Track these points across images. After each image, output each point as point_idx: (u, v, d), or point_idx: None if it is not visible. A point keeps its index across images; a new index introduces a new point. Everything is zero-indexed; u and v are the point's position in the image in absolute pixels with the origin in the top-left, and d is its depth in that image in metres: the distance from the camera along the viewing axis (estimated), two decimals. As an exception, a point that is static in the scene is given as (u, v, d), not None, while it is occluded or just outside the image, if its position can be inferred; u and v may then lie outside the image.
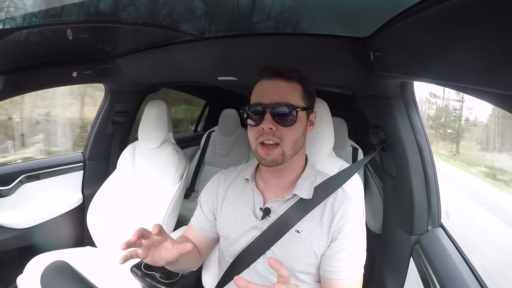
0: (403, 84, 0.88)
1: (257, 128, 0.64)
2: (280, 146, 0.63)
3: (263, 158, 0.64)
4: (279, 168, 0.66)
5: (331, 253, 0.65)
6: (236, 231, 0.72)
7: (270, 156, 0.63)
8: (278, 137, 0.63)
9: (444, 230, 0.91)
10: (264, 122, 0.62)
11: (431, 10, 0.48)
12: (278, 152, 0.63)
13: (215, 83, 1.84)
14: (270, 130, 0.62)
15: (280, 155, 0.63)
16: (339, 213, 0.66)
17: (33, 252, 1.17)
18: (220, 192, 0.77)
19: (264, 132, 0.63)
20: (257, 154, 0.66)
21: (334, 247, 0.65)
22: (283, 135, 0.63)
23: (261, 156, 0.64)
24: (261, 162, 0.66)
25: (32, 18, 0.72)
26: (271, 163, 0.63)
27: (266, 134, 0.63)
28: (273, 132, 0.62)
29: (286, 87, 0.64)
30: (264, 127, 0.62)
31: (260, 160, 0.65)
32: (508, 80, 0.36)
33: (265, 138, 0.63)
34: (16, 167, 1.31)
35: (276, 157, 0.63)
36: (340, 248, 0.65)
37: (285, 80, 0.65)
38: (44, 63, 1.08)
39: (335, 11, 0.71)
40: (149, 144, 1.33)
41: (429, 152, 0.91)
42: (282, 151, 0.63)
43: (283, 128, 0.63)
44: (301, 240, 0.67)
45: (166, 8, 0.79)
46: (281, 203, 0.70)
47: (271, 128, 0.62)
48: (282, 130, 0.63)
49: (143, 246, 0.56)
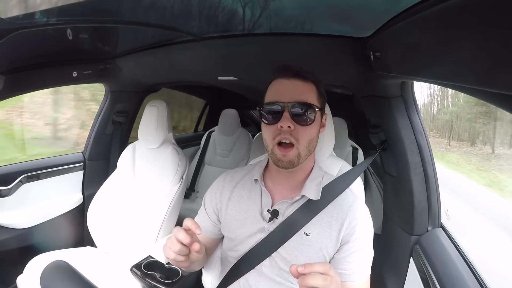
0: (403, 84, 0.88)
1: (275, 126, 0.62)
2: (296, 147, 0.62)
3: (280, 159, 0.63)
4: (293, 170, 0.65)
5: (342, 256, 0.65)
6: (242, 233, 0.71)
7: (286, 157, 0.62)
8: (295, 137, 0.62)
9: (444, 230, 0.91)
10: (282, 120, 0.61)
11: (431, 10, 0.48)
12: (294, 153, 0.62)
13: (215, 83, 1.84)
14: (289, 129, 0.61)
15: (296, 156, 0.62)
16: (350, 215, 0.65)
17: (33, 252, 1.17)
18: (225, 193, 0.76)
19: (282, 131, 0.62)
20: (273, 155, 0.64)
21: (346, 250, 0.65)
22: (299, 135, 0.62)
23: (278, 157, 0.63)
24: (277, 164, 0.64)
25: (32, 18, 0.72)
26: (288, 164, 0.62)
27: (283, 133, 0.61)
28: (290, 131, 0.61)
29: (303, 87, 0.64)
30: (283, 125, 0.61)
31: (277, 161, 0.63)
32: (508, 80, 0.36)
33: (283, 137, 0.62)
34: (16, 167, 1.31)
35: (292, 158, 0.62)
36: (352, 251, 0.64)
37: (302, 80, 0.64)
38: (44, 63, 1.08)
39: (335, 11, 0.71)
40: (149, 144, 1.33)
41: (429, 152, 0.91)
42: (298, 152, 0.62)
43: (301, 127, 0.62)
44: (310, 243, 0.66)
45: (166, 8, 0.79)
46: (289, 205, 0.69)
47: (290, 126, 0.61)
48: (299, 129, 0.62)
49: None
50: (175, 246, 0.56)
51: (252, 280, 0.70)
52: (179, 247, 0.56)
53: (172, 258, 0.58)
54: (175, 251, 0.56)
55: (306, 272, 0.46)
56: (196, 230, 0.55)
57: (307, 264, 0.47)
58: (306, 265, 0.47)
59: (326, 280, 0.46)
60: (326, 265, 0.48)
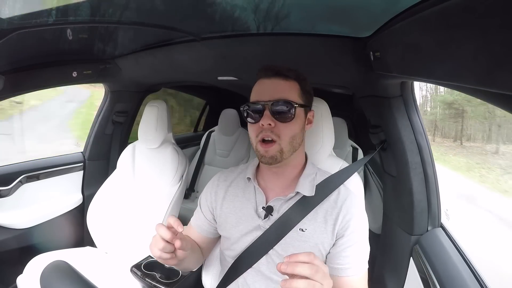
0: (403, 84, 0.88)
1: (257, 125, 0.65)
2: (278, 143, 0.64)
3: (262, 155, 0.65)
4: (278, 166, 0.67)
5: (338, 250, 0.66)
6: (238, 231, 0.72)
7: (268, 152, 0.64)
8: (276, 134, 0.64)
9: (444, 230, 0.91)
10: (263, 118, 0.64)
11: (431, 10, 0.48)
12: (276, 149, 0.64)
13: (215, 83, 1.84)
14: (269, 126, 0.63)
15: (278, 152, 0.64)
16: (344, 210, 0.67)
17: (33, 252, 1.17)
18: (220, 192, 0.77)
19: (263, 129, 0.64)
20: (257, 151, 0.67)
21: (341, 244, 0.66)
22: (281, 132, 0.64)
23: (261, 153, 0.65)
24: (261, 160, 0.67)
25: (32, 18, 0.72)
26: (270, 159, 0.64)
27: (265, 131, 0.64)
28: (271, 128, 0.64)
29: (284, 85, 0.66)
30: (264, 123, 0.63)
31: (260, 157, 0.66)
32: (508, 80, 0.36)
33: (264, 134, 0.64)
34: (16, 167, 1.31)
35: (274, 154, 0.64)
36: (347, 245, 0.65)
37: (283, 79, 0.66)
38: (44, 63, 1.08)
39: (335, 11, 0.71)
40: (149, 144, 1.33)
41: (429, 152, 0.91)
42: (280, 148, 0.64)
43: (281, 124, 0.64)
44: (306, 238, 0.67)
45: (166, 8, 0.79)
46: (283, 202, 0.70)
47: (270, 124, 0.63)
48: (280, 126, 0.64)
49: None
50: (159, 244, 0.57)
51: (250, 279, 0.71)
52: (163, 244, 0.57)
53: (157, 255, 0.59)
54: (159, 248, 0.57)
55: (290, 261, 0.46)
56: (177, 227, 0.56)
57: (292, 255, 0.47)
58: (291, 255, 0.47)
59: (311, 269, 0.46)
60: (311, 255, 0.47)
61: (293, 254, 0.47)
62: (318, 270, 0.46)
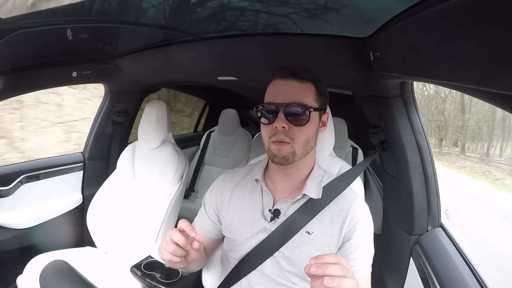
0: (403, 84, 0.88)
1: (270, 126, 0.64)
2: (291, 145, 0.63)
3: (275, 154, 0.64)
4: (289, 167, 0.66)
5: (345, 253, 0.65)
6: (243, 234, 0.71)
7: (281, 152, 0.63)
8: (290, 136, 0.63)
9: (444, 230, 0.91)
10: (277, 121, 0.62)
11: (431, 10, 0.48)
12: (288, 150, 0.63)
13: (215, 83, 1.84)
14: (283, 129, 0.62)
15: (290, 153, 0.63)
16: (351, 212, 0.66)
17: (33, 252, 1.17)
18: (226, 193, 0.76)
19: (277, 131, 0.63)
20: (269, 151, 0.65)
21: (348, 247, 0.65)
22: (295, 135, 0.63)
23: (273, 152, 0.64)
24: (272, 160, 0.65)
25: (32, 18, 0.72)
26: (282, 159, 0.63)
27: (279, 133, 0.63)
28: (285, 131, 0.62)
29: (299, 87, 0.65)
30: (277, 126, 0.62)
31: (272, 157, 0.65)
32: (508, 80, 0.36)
33: (278, 137, 0.63)
34: (16, 167, 1.31)
35: (286, 154, 0.63)
36: (354, 248, 0.65)
37: (298, 80, 0.65)
38: (44, 63, 1.08)
39: (335, 11, 0.71)
40: (149, 144, 1.33)
41: (428, 152, 0.91)
42: (293, 150, 0.63)
43: (296, 127, 0.63)
44: (313, 241, 0.66)
45: (166, 8, 0.79)
46: (290, 204, 0.69)
47: (284, 127, 0.62)
48: (294, 129, 0.63)
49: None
50: (170, 247, 0.56)
51: (254, 281, 0.70)
52: (174, 247, 0.56)
53: (167, 259, 0.58)
54: (170, 252, 0.56)
55: (318, 262, 0.46)
56: (190, 232, 0.55)
57: (318, 256, 0.47)
58: (317, 257, 0.46)
59: (343, 269, 0.45)
60: (338, 256, 0.47)
61: (319, 256, 0.47)
62: (349, 270, 0.46)
